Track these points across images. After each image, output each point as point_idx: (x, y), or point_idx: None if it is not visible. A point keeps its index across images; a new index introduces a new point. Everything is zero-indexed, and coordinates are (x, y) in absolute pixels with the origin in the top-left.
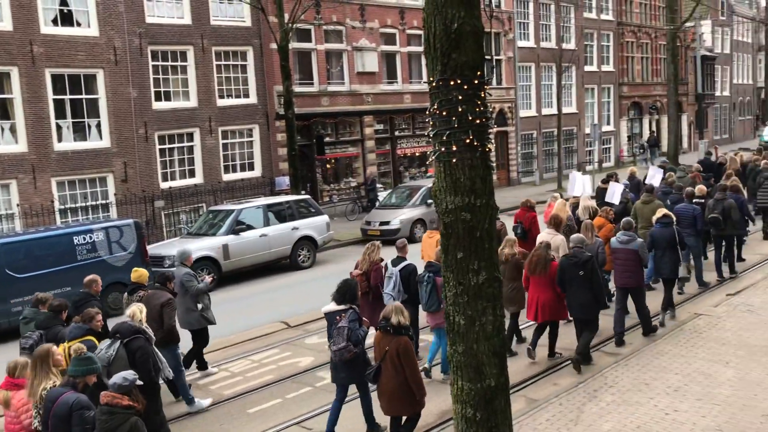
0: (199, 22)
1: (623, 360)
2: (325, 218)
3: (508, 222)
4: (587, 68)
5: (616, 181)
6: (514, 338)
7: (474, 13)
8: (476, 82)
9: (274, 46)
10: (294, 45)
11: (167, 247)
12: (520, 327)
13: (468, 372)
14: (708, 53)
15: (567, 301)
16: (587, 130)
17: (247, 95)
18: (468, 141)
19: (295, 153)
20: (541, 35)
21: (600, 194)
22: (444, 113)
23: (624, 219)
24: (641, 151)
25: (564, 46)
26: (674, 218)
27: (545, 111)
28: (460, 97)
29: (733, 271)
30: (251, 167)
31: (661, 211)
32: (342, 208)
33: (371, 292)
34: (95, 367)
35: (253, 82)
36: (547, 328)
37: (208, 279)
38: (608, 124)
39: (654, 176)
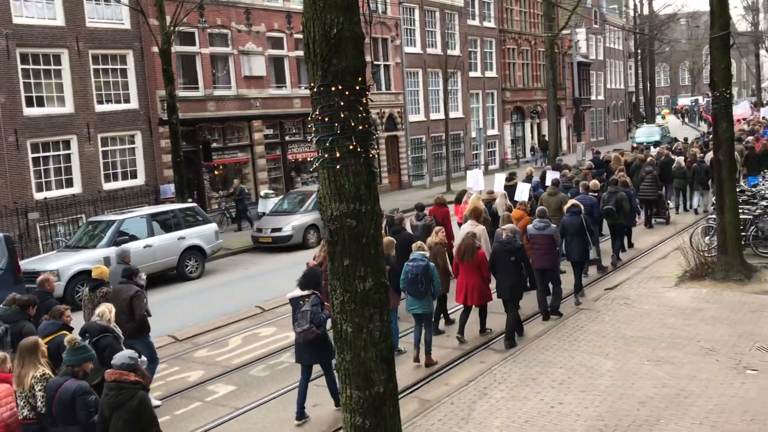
0: (74, 24)
1: (511, 356)
2: (213, 226)
3: None
4: (472, 74)
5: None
6: (442, 319)
7: (353, 19)
8: (358, 87)
9: (155, 49)
10: (177, 48)
11: (43, 262)
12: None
13: (356, 380)
14: (583, 60)
15: (496, 283)
16: (473, 134)
17: (128, 100)
18: (351, 147)
19: (180, 160)
20: (427, 41)
21: (508, 191)
22: (326, 119)
23: (539, 208)
24: (532, 153)
25: (449, 52)
26: (582, 208)
27: (433, 116)
28: (341, 103)
29: (618, 258)
30: (134, 175)
31: (571, 201)
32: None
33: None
34: (90, 355)
35: (134, 86)
36: (478, 310)
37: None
38: (493, 128)
39: (553, 174)
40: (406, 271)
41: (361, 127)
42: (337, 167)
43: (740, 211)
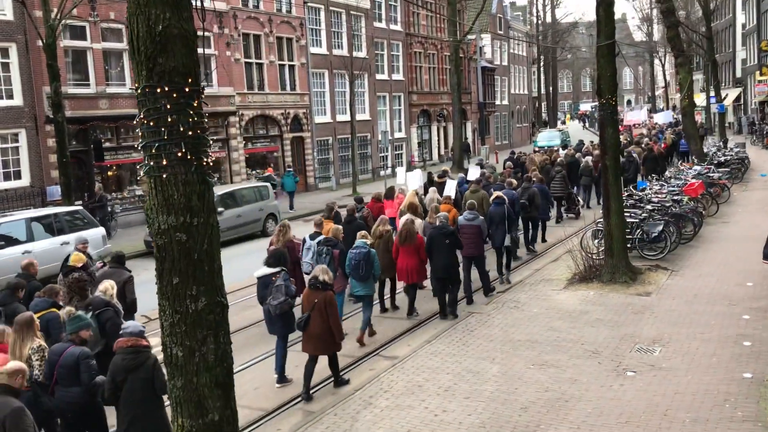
0: None
1: (399, 363)
2: (100, 231)
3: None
4: (379, 76)
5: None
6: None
7: (182, 15)
8: (188, 89)
9: (41, 43)
10: (67, 43)
11: None
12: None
13: (188, 407)
14: (488, 65)
15: (432, 264)
16: (380, 137)
17: (11, 96)
18: (180, 154)
19: (66, 160)
20: (333, 42)
21: (438, 188)
22: (152, 123)
23: (469, 201)
24: (453, 154)
25: (355, 54)
26: (506, 199)
27: (340, 117)
28: (169, 106)
29: (532, 249)
30: (18, 176)
31: (497, 193)
32: (126, 218)
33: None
34: (87, 323)
35: (18, 82)
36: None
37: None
38: (400, 131)
39: (474, 173)
40: (350, 257)
41: (191, 133)
42: (165, 176)
43: (627, 214)
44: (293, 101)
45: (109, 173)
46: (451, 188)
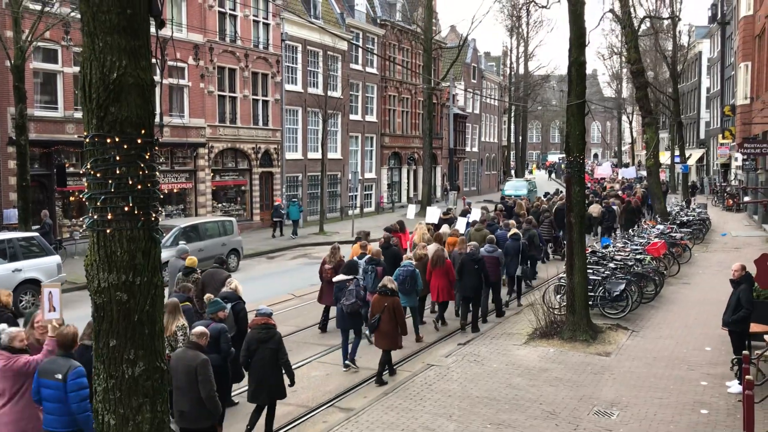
0: None
1: (354, 416)
2: (55, 259)
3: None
4: (352, 117)
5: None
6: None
7: (140, 63)
8: (140, 141)
9: (9, 64)
10: (37, 65)
11: None
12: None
13: None
14: (460, 112)
15: (461, 285)
16: (350, 176)
17: None
18: (128, 209)
19: (26, 183)
20: (309, 81)
21: (441, 222)
22: (99, 174)
23: (488, 237)
24: (445, 192)
25: (330, 93)
26: (521, 235)
27: (311, 155)
28: (118, 158)
29: (529, 284)
30: None
31: (513, 230)
32: (86, 246)
33: None
34: (223, 306)
35: None
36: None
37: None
38: (370, 171)
39: (475, 213)
40: (398, 273)
41: (141, 186)
42: (109, 231)
43: (590, 272)
44: (265, 136)
45: (71, 198)
46: (461, 223)
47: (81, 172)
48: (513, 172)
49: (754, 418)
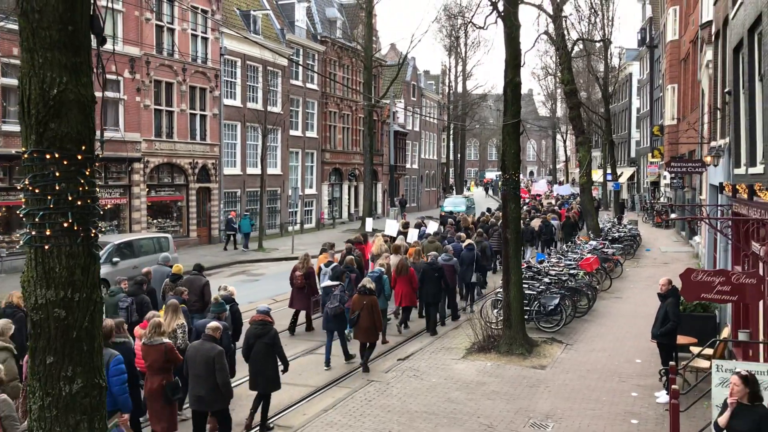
0: None
1: None
2: None
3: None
4: (292, 132)
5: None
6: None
7: (81, 80)
8: (81, 157)
9: None
10: None
11: None
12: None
13: None
14: (401, 129)
15: (421, 291)
16: (290, 192)
17: None
18: (67, 225)
19: None
20: (248, 95)
21: (398, 234)
22: (37, 190)
23: (446, 246)
24: (394, 206)
25: (270, 108)
26: (475, 246)
27: (250, 170)
28: (58, 174)
29: (481, 292)
30: None
31: (468, 241)
32: (13, 263)
33: (307, 286)
34: (225, 308)
35: None
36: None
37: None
38: (311, 187)
39: (432, 226)
40: (369, 278)
41: (81, 202)
42: (47, 247)
43: (525, 286)
44: (202, 151)
45: None
46: (414, 235)
47: (5, 186)
48: (453, 189)
49: (680, 426)
